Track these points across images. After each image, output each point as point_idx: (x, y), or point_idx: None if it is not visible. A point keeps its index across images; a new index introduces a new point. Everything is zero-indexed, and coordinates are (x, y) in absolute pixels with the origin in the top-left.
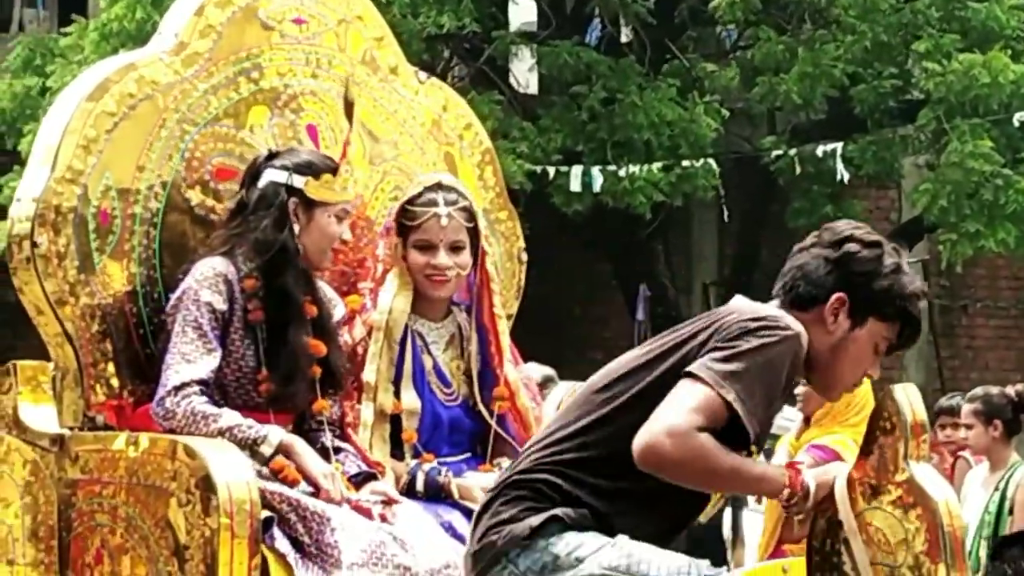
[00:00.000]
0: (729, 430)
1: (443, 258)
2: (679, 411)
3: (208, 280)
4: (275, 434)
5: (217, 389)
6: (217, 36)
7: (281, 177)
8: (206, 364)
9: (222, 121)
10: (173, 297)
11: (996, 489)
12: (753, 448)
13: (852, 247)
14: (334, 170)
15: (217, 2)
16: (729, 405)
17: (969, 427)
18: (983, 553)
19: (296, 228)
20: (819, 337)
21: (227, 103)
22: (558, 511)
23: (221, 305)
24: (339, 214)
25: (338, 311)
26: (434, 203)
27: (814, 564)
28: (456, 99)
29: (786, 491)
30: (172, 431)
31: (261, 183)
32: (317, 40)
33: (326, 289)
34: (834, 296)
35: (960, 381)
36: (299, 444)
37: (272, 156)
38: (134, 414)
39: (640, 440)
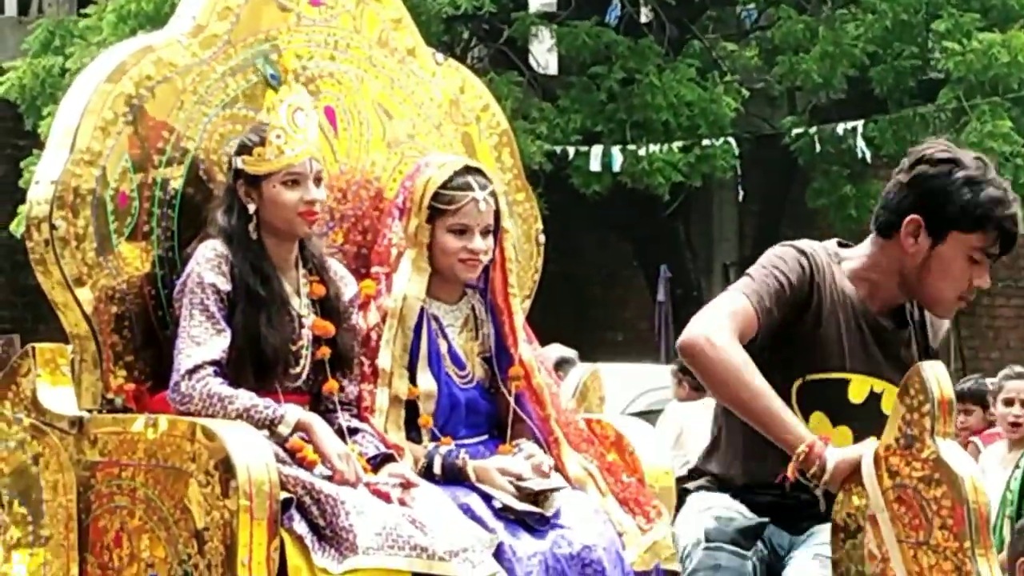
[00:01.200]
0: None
1: (479, 242)
2: (719, 311)
3: (211, 262)
4: (292, 413)
5: (232, 369)
6: (235, 18)
7: (233, 163)
8: (217, 344)
9: (239, 103)
10: (179, 282)
11: (1017, 467)
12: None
13: (921, 168)
14: (262, 141)
15: None
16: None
17: None
18: (1007, 531)
19: (252, 208)
20: (904, 259)
21: (245, 85)
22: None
23: (225, 285)
24: (285, 179)
25: (349, 289)
26: (470, 187)
27: (838, 540)
28: (473, 81)
29: (802, 453)
30: (189, 414)
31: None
32: (334, 22)
33: (336, 267)
34: (907, 219)
35: (980, 361)
36: (317, 423)
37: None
38: (151, 400)
39: (686, 333)
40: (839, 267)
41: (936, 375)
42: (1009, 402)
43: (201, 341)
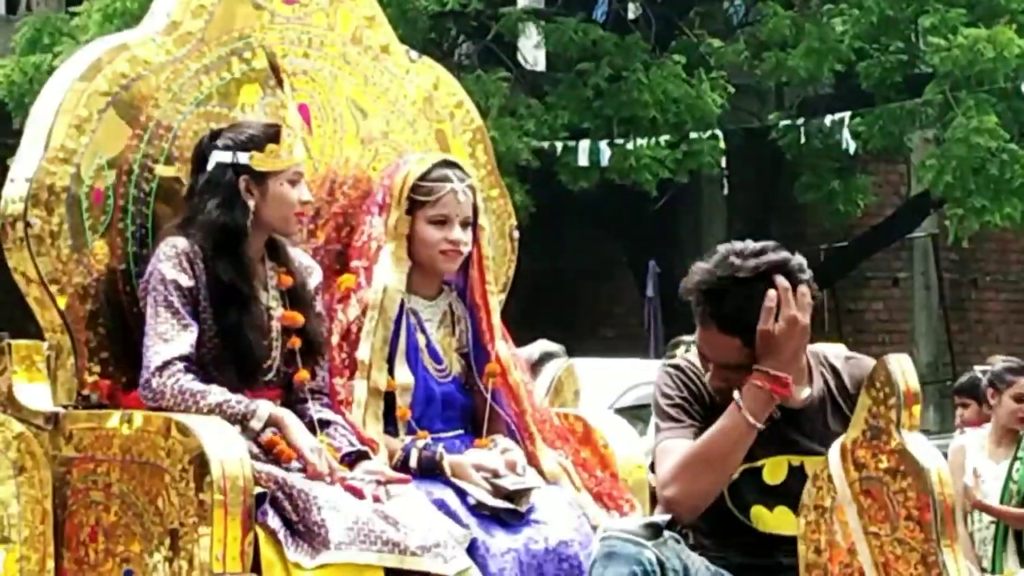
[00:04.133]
0: None
1: (458, 232)
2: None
3: (171, 259)
4: (264, 408)
5: (214, 367)
6: (209, 16)
7: (226, 157)
8: (184, 340)
9: (214, 101)
10: (141, 280)
11: (1016, 458)
12: None
13: None
14: (275, 137)
15: None
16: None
17: None
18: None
19: (251, 203)
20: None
21: (219, 83)
22: None
23: (187, 282)
24: (292, 178)
25: (314, 277)
26: (448, 179)
27: (806, 532)
28: (447, 77)
29: (766, 392)
30: (161, 410)
31: (209, 166)
32: (308, 20)
33: (301, 256)
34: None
35: (970, 355)
36: (288, 417)
37: (216, 135)
38: (124, 397)
39: (660, 497)
40: None
41: (902, 367)
42: (1020, 398)
43: (169, 337)
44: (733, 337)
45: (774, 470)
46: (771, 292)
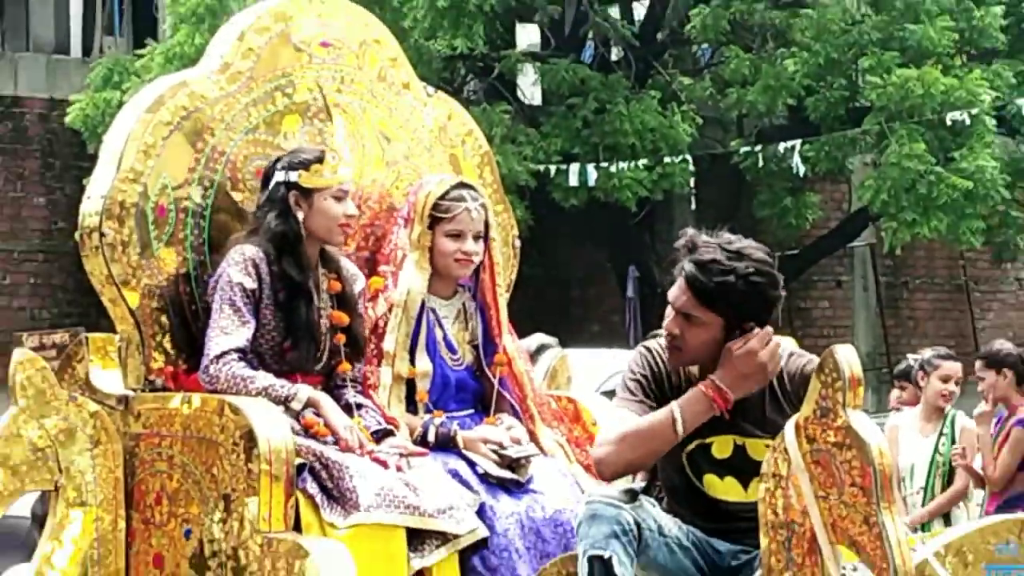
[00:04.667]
0: None
1: (471, 245)
2: (605, 432)
3: (239, 264)
4: (304, 391)
5: (256, 356)
6: (256, 58)
7: (281, 176)
8: (242, 334)
9: (260, 129)
10: (212, 280)
11: (942, 434)
12: None
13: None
14: (321, 159)
15: (256, 28)
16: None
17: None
18: (938, 487)
19: (300, 215)
20: None
21: (265, 114)
22: None
23: (251, 284)
24: (336, 195)
25: (359, 284)
26: (463, 199)
27: (765, 497)
28: (459, 110)
29: (710, 403)
30: (217, 392)
31: (271, 184)
32: (341, 60)
33: (349, 265)
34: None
35: (903, 347)
36: (324, 400)
37: (278, 159)
38: (186, 380)
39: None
40: None
41: (847, 357)
42: (946, 379)
43: (229, 331)
44: (692, 293)
45: (722, 447)
46: (756, 329)
